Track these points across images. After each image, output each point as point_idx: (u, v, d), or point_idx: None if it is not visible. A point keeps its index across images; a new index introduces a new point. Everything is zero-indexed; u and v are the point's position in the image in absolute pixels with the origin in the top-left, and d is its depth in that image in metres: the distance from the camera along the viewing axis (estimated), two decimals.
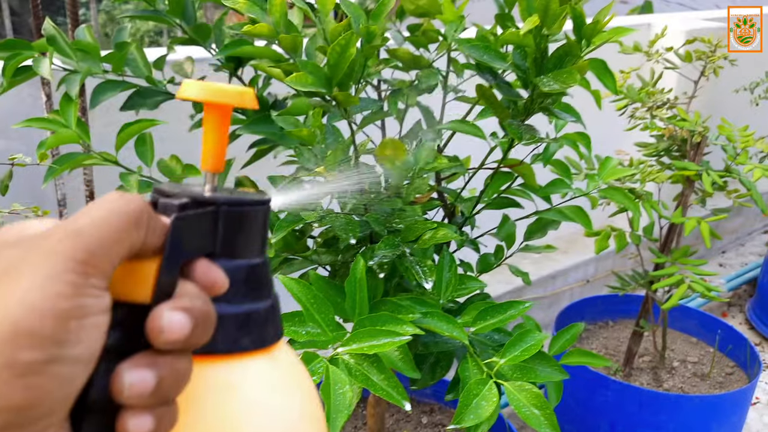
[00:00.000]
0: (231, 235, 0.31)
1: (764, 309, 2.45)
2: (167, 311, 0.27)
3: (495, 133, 1.00)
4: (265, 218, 0.33)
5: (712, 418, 1.58)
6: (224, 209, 0.31)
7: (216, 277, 0.30)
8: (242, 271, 0.32)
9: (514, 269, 1.12)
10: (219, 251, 0.31)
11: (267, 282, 0.33)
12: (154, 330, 0.27)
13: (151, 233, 0.28)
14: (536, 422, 0.66)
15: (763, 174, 1.50)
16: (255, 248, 0.32)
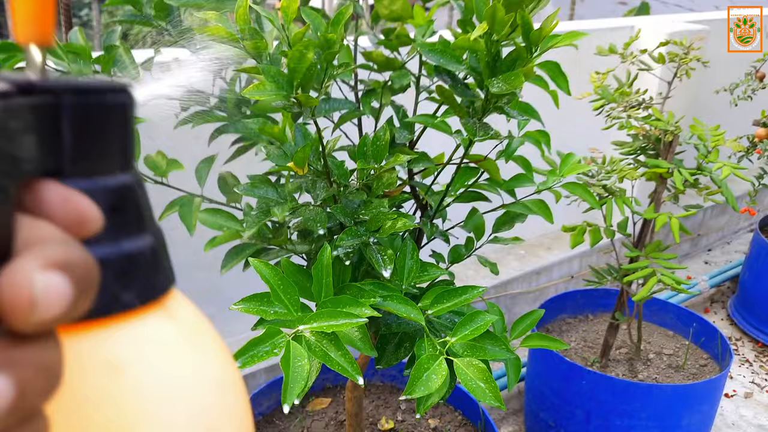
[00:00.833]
0: (84, 141, 0.22)
1: (745, 306, 2.50)
2: (35, 271, 0.18)
3: (459, 131, 1.06)
4: (129, 113, 0.23)
5: (683, 407, 1.64)
6: (69, 99, 0.21)
7: (82, 208, 0.20)
8: (108, 193, 0.23)
9: (482, 260, 1.18)
10: (69, 167, 0.21)
11: (144, 208, 0.25)
12: (19, 304, 0.17)
13: None
14: (482, 395, 0.73)
15: (731, 171, 1.56)
16: (120, 158, 0.23)
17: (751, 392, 2.17)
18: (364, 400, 1.34)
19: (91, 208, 0.20)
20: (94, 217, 0.20)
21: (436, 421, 1.44)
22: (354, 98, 1.15)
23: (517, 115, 0.87)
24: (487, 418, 1.37)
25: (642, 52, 1.72)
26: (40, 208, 0.20)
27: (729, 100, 2.26)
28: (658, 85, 2.21)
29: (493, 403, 0.72)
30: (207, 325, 0.28)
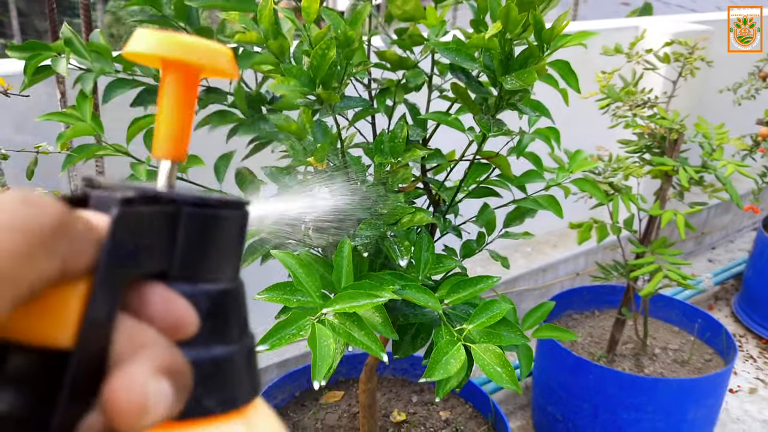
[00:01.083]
0: (195, 249, 0.23)
1: (749, 303, 2.53)
2: (150, 378, 0.18)
3: (472, 128, 1.09)
4: (242, 228, 0.25)
5: (688, 400, 1.66)
6: (188, 211, 0.22)
7: (181, 313, 0.21)
8: (209, 300, 0.23)
9: (494, 254, 1.21)
10: (177, 271, 0.22)
11: (241, 316, 0.25)
12: (132, 409, 0.18)
13: (74, 254, 0.18)
14: (499, 378, 0.76)
15: (735, 169, 1.59)
16: (227, 268, 0.24)
17: (755, 388, 2.19)
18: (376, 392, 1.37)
19: (189, 312, 0.21)
20: (190, 321, 0.21)
21: (447, 413, 1.47)
22: (368, 96, 1.18)
23: (530, 111, 0.90)
24: (497, 410, 1.40)
25: (647, 51, 1.75)
26: (141, 309, 0.20)
27: (732, 100, 2.29)
28: (663, 84, 2.23)
29: (510, 387, 0.75)
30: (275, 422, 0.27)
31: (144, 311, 0.21)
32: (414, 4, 1.10)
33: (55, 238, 0.17)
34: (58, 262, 0.17)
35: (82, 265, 0.18)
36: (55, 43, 1.05)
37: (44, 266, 0.17)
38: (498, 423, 1.41)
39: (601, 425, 1.71)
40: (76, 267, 0.18)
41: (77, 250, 0.18)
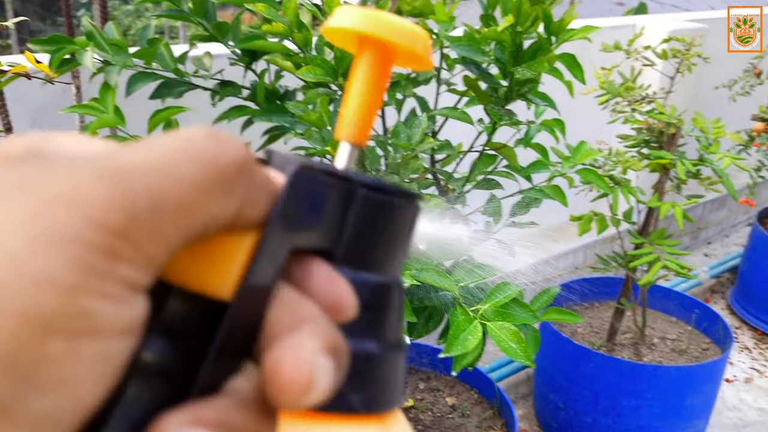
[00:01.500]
0: (365, 233, 0.22)
1: (744, 295, 2.58)
2: (319, 354, 0.17)
3: (481, 119, 1.13)
4: (413, 222, 0.23)
5: (686, 387, 1.71)
6: (364, 192, 0.21)
7: (344, 295, 0.20)
8: (370, 290, 0.22)
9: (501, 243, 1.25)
10: (342, 253, 0.21)
11: (398, 316, 0.24)
12: (297, 383, 0.17)
13: (250, 201, 0.18)
14: (514, 354, 0.80)
15: (732, 162, 1.63)
16: (392, 261, 0.23)
17: (751, 377, 2.24)
18: None
19: (351, 296, 0.20)
20: (351, 305, 0.20)
21: (453, 399, 1.51)
22: None
23: (539, 101, 0.94)
24: (502, 395, 1.44)
25: (646, 48, 1.79)
26: (302, 281, 0.20)
27: (728, 96, 2.33)
28: (660, 80, 2.28)
29: (524, 362, 0.79)
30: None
31: (305, 285, 0.20)
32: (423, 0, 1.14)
33: (236, 179, 0.17)
34: (235, 204, 0.17)
35: (255, 216, 0.18)
36: (78, 37, 1.09)
37: (221, 205, 0.17)
38: (503, 408, 1.46)
39: (602, 412, 1.76)
40: (249, 216, 0.18)
41: (254, 198, 0.18)
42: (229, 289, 0.17)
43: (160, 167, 0.16)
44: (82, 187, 0.14)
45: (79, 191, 0.14)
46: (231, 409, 0.17)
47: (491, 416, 1.47)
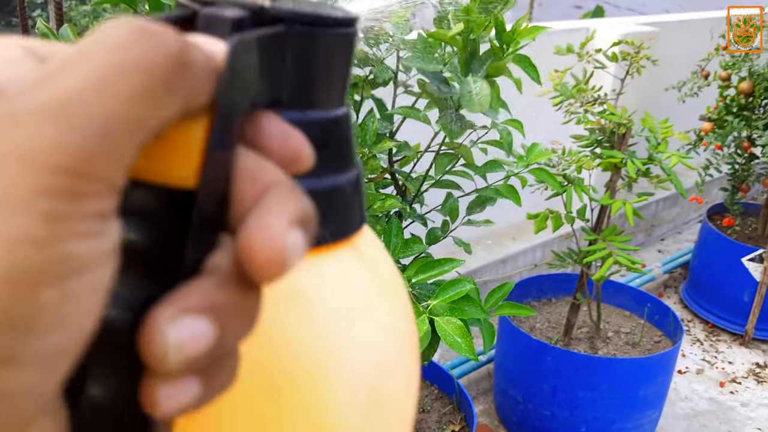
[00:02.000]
0: (305, 72, 0.21)
1: (696, 289, 2.67)
2: (289, 230, 0.18)
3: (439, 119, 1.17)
4: (351, 49, 0.23)
5: (640, 378, 1.77)
6: (298, 29, 0.21)
7: (298, 145, 0.20)
8: (320, 128, 0.22)
9: (458, 240, 1.29)
10: (286, 98, 0.21)
11: (350, 144, 0.24)
12: (270, 262, 0.17)
13: (194, 91, 0.17)
14: (459, 348, 0.83)
15: (679, 161, 1.70)
16: (336, 93, 0.23)
17: (702, 369, 2.33)
18: None
19: (305, 145, 0.20)
20: (307, 154, 0.20)
21: None
22: None
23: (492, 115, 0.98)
24: (462, 391, 1.48)
25: (597, 51, 1.85)
26: (258, 141, 0.20)
27: (677, 97, 2.42)
28: (612, 82, 2.35)
29: (469, 355, 0.83)
30: (391, 264, 0.27)
31: (261, 144, 0.19)
32: None
33: (177, 76, 0.16)
34: (181, 100, 0.16)
35: (202, 101, 0.17)
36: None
37: (167, 107, 0.16)
38: (462, 403, 1.49)
39: (559, 405, 1.81)
40: (197, 103, 0.17)
41: (198, 86, 0.17)
42: (191, 174, 0.18)
43: (99, 88, 0.15)
44: (28, 137, 0.14)
45: (26, 142, 0.14)
46: (214, 289, 0.17)
47: (451, 411, 1.50)
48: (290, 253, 0.17)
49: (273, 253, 0.17)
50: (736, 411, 2.14)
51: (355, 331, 0.24)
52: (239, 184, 0.18)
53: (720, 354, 2.42)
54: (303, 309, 0.23)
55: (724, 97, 2.35)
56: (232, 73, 0.18)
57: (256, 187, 0.18)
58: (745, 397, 2.20)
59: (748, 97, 2.29)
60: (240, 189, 0.18)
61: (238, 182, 0.18)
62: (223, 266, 0.18)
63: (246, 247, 0.17)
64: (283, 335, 0.22)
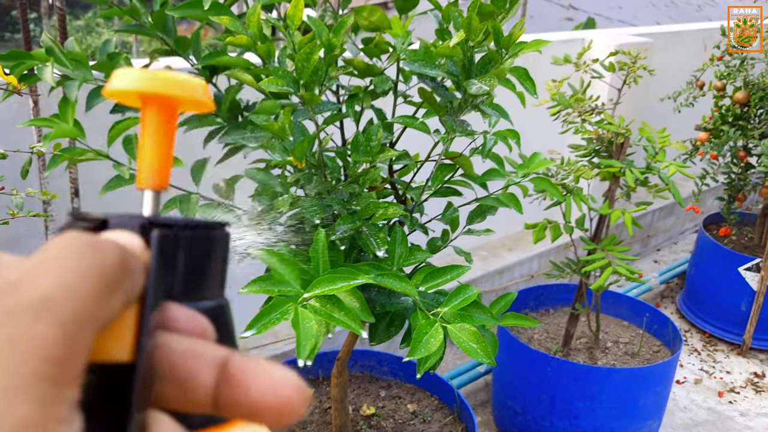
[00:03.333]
0: (195, 269, 0.25)
1: (692, 300, 2.67)
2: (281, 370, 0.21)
3: (437, 130, 1.16)
4: (227, 247, 0.27)
5: (639, 388, 1.76)
6: (185, 234, 0.24)
7: (204, 326, 0.23)
8: (212, 315, 0.25)
9: (458, 250, 1.28)
10: (179, 292, 0.24)
11: (232, 328, 0.28)
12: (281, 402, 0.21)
13: (133, 287, 0.21)
14: (475, 353, 0.83)
15: (677, 170, 1.70)
16: (218, 285, 0.27)
17: (700, 378, 2.32)
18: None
19: (208, 324, 0.23)
20: (211, 332, 0.23)
21: (414, 405, 1.53)
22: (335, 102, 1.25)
23: (492, 112, 0.98)
24: (462, 401, 1.47)
25: (594, 61, 1.86)
26: (171, 326, 0.22)
27: (673, 107, 2.43)
28: (608, 92, 2.36)
29: (485, 361, 0.82)
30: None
31: (172, 328, 0.22)
32: (380, 15, 1.17)
33: (123, 277, 0.20)
34: (125, 296, 0.20)
35: (138, 293, 0.21)
36: (35, 51, 1.09)
37: (115, 303, 0.19)
38: (463, 413, 1.48)
39: (558, 415, 1.80)
40: (135, 295, 0.21)
41: (136, 282, 0.20)
42: (129, 351, 0.20)
43: (69, 289, 0.18)
44: (26, 329, 0.17)
45: (22, 333, 0.17)
46: None
47: (452, 422, 1.49)
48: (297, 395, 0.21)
49: (287, 393, 0.21)
50: (735, 421, 2.13)
51: None
52: (178, 359, 0.22)
53: (718, 364, 2.42)
54: None
55: (719, 107, 2.36)
56: (157, 267, 0.22)
57: (197, 356, 0.22)
58: (744, 407, 2.20)
59: (744, 107, 2.30)
60: (182, 362, 0.21)
61: (184, 358, 0.22)
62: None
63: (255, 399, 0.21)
64: None
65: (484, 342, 0.83)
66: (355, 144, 0.99)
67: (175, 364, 0.21)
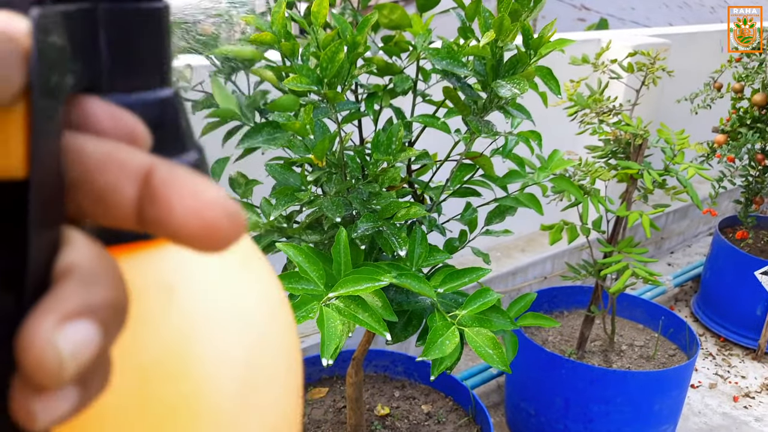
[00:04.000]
0: (122, 52, 0.20)
1: (707, 303, 2.65)
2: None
3: (458, 129, 1.16)
4: (166, 23, 0.22)
5: (655, 392, 1.75)
6: (105, 6, 0.19)
7: (132, 126, 0.19)
8: (148, 109, 0.21)
9: (476, 250, 1.27)
10: (107, 83, 0.20)
11: (185, 124, 0.23)
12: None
13: (3, 78, 0.15)
14: (491, 359, 0.82)
15: (696, 172, 1.69)
16: (158, 72, 0.22)
17: (715, 383, 2.30)
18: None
19: (139, 125, 0.19)
20: (143, 134, 0.19)
21: (429, 406, 1.52)
22: (354, 101, 1.24)
23: (517, 113, 0.97)
24: (477, 402, 1.46)
25: (612, 62, 1.84)
26: (87, 126, 0.18)
27: (689, 109, 2.41)
28: (624, 93, 2.34)
29: (501, 367, 0.81)
30: (257, 250, 0.26)
31: (91, 128, 0.18)
32: (400, 13, 1.16)
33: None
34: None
35: (16, 87, 0.15)
36: None
37: None
38: (478, 415, 1.47)
39: (573, 418, 1.79)
40: (10, 90, 0.15)
41: (6, 72, 0.15)
42: (20, 165, 0.16)
43: None
44: None
45: None
46: (83, 290, 0.16)
47: (467, 423, 1.48)
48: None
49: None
50: (750, 426, 2.11)
51: (224, 313, 0.23)
52: (105, 169, 0.17)
53: (733, 368, 2.40)
54: (167, 295, 0.22)
55: (737, 109, 2.34)
56: (42, 51, 0.16)
57: (127, 169, 0.17)
58: (759, 412, 2.18)
59: (762, 109, 2.28)
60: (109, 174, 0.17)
61: (100, 168, 0.17)
62: (82, 263, 0.17)
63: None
64: (150, 326, 0.22)
65: (501, 348, 0.82)
66: (375, 142, 0.99)
67: (89, 173, 0.17)
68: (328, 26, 1.12)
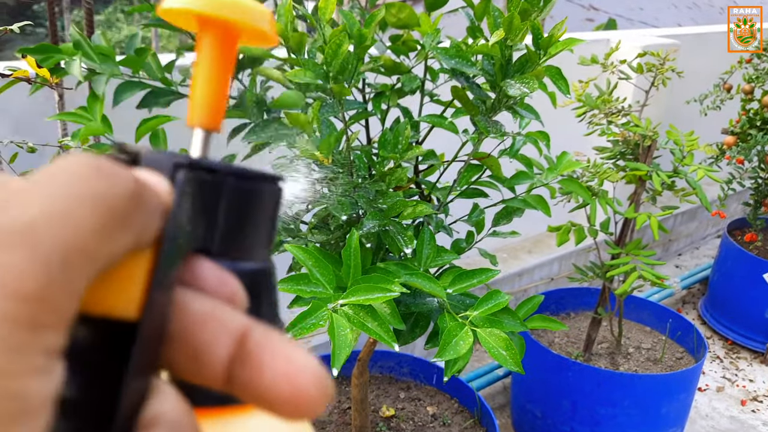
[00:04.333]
0: (236, 224, 0.22)
1: (715, 306, 2.63)
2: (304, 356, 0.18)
3: (466, 130, 1.15)
4: (277, 205, 0.23)
5: (662, 395, 1.74)
6: (231, 182, 0.21)
7: (234, 289, 0.20)
8: (247, 279, 0.22)
9: (483, 252, 1.26)
10: (217, 247, 0.21)
11: (274, 297, 0.24)
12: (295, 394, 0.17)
13: (146, 227, 0.17)
14: (504, 360, 0.81)
15: (705, 174, 1.67)
16: (262, 246, 0.23)
17: (722, 386, 2.29)
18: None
19: (240, 290, 0.20)
20: (242, 299, 0.20)
21: (434, 408, 1.52)
22: (362, 100, 1.24)
23: (525, 113, 0.96)
24: (483, 404, 1.46)
25: (622, 62, 1.83)
26: (195, 284, 0.19)
27: (699, 110, 2.39)
28: (633, 93, 2.33)
29: (514, 368, 0.81)
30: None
31: (197, 287, 0.19)
32: (409, 12, 1.15)
33: (131, 213, 0.16)
34: (133, 236, 0.17)
35: (152, 236, 0.18)
36: (64, 45, 1.09)
37: (120, 242, 0.16)
38: (484, 417, 1.47)
39: (579, 421, 1.78)
40: (147, 238, 0.17)
41: (149, 222, 0.17)
42: (134, 307, 0.17)
43: (61, 218, 0.15)
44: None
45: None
46: None
47: (472, 425, 1.48)
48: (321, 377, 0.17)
49: (315, 380, 0.17)
50: (758, 430, 2.10)
51: None
52: (194, 321, 0.18)
53: (740, 372, 2.38)
54: None
55: (747, 110, 2.32)
56: (177, 210, 0.19)
57: (225, 329, 0.18)
58: (767, 416, 2.16)
59: None
60: (197, 326, 0.18)
61: (200, 325, 0.18)
62: (170, 417, 0.17)
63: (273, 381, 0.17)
64: None
65: (514, 349, 0.81)
66: (383, 141, 0.98)
67: (189, 328, 0.18)
68: (335, 24, 1.11)
